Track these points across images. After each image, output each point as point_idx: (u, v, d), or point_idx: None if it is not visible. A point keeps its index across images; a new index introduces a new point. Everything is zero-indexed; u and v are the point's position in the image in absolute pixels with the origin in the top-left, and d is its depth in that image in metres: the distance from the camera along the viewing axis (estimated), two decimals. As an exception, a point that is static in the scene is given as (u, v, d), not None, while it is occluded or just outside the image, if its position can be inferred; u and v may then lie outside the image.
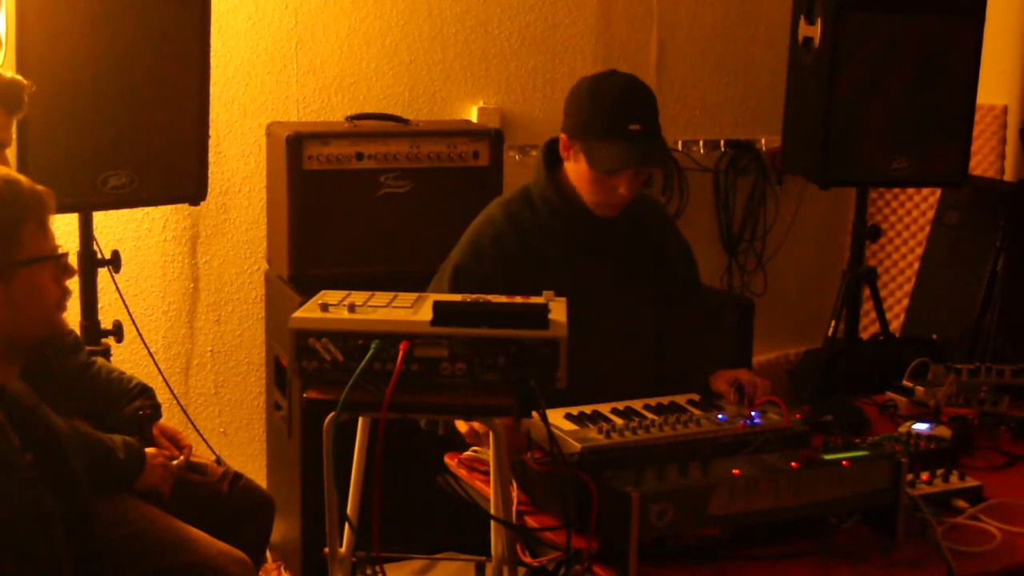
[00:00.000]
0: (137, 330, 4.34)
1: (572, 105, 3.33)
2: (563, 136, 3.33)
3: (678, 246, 3.62)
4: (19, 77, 3.16)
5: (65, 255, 2.45)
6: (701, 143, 5.34)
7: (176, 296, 4.63)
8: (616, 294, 3.42)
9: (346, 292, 2.69)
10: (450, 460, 3.06)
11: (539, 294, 3.06)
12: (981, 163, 5.21)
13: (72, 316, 3.79)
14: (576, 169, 3.31)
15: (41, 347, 2.47)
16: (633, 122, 3.24)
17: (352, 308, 2.56)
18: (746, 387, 3.13)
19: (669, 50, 5.25)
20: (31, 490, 2.23)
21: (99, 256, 3.99)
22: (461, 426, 2.94)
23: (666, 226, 3.64)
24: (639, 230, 3.47)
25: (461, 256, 3.37)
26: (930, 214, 5.25)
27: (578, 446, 2.73)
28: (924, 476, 2.86)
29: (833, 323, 4.65)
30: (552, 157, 3.39)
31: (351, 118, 4.36)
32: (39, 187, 2.37)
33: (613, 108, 3.25)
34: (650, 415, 2.98)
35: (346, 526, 2.74)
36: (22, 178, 2.36)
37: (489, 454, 2.72)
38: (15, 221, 2.32)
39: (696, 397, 3.15)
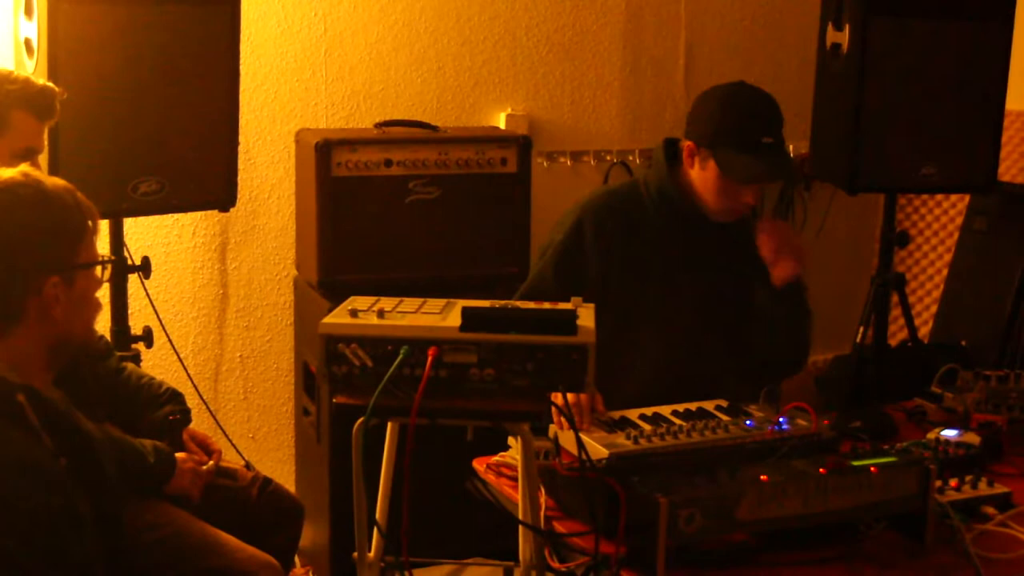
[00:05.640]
0: (167, 336, 4.36)
1: (703, 114, 3.41)
2: (689, 143, 3.40)
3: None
4: (51, 84, 3.19)
5: (113, 260, 2.52)
6: (729, 149, 5.34)
7: (206, 302, 4.65)
8: (701, 295, 3.49)
9: (375, 298, 2.69)
10: (479, 465, 3.07)
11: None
12: (1010, 169, 5.19)
13: (103, 322, 3.83)
14: (702, 176, 3.39)
15: (78, 356, 2.51)
16: (766, 135, 3.34)
17: (381, 314, 2.57)
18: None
19: (697, 56, 5.25)
20: (64, 494, 2.25)
21: (129, 262, 4.01)
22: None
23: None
24: (736, 237, 3.52)
25: (564, 236, 3.46)
26: (959, 220, 5.23)
27: (606, 452, 2.74)
28: (953, 482, 2.85)
29: (862, 329, 4.64)
30: (672, 156, 3.47)
31: (380, 125, 4.38)
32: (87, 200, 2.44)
33: (748, 121, 3.35)
34: (678, 421, 2.99)
35: (375, 531, 2.75)
36: (73, 187, 2.42)
37: (518, 459, 2.72)
38: (80, 223, 2.40)
39: (724, 403, 3.16)
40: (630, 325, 3.41)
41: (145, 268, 4.04)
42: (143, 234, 4.44)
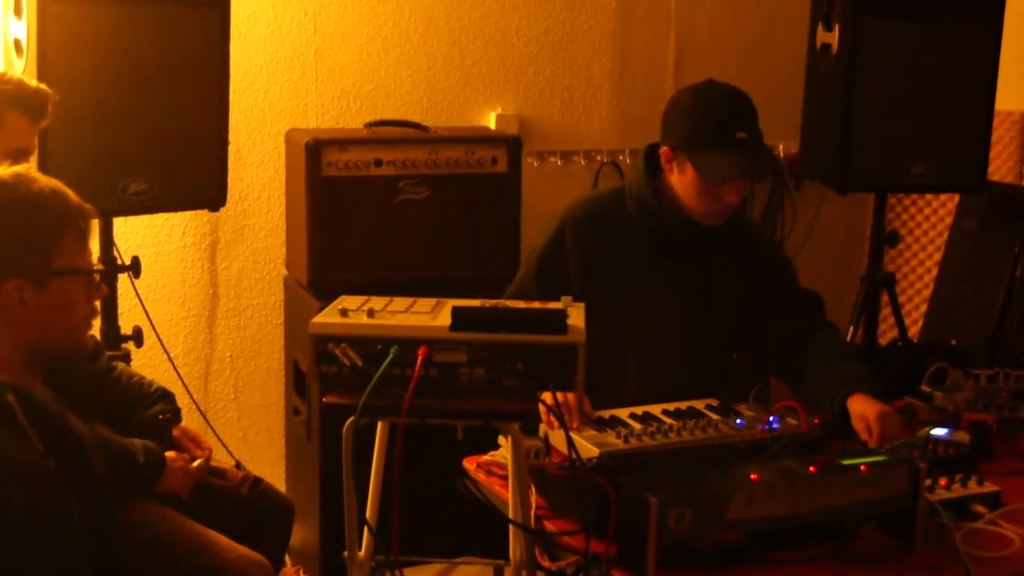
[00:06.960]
0: (157, 335, 4.36)
1: (674, 117, 3.37)
2: (665, 148, 3.36)
3: (767, 251, 3.63)
4: (44, 86, 3.19)
5: (100, 271, 2.47)
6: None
7: (196, 302, 4.65)
8: (689, 303, 3.45)
9: (365, 297, 2.70)
10: (469, 464, 3.07)
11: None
12: (1000, 169, 5.20)
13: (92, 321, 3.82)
14: (682, 180, 3.35)
15: (62, 362, 2.47)
16: (739, 131, 3.29)
17: (371, 313, 2.57)
18: (871, 429, 3.08)
19: (687, 57, 5.25)
20: (53, 495, 2.24)
21: (119, 262, 4.01)
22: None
23: (751, 233, 3.63)
24: (725, 242, 3.48)
25: (543, 245, 3.45)
26: (949, 220, 5.24)
27: (596, 451, 2.74)
28: (943, 481, 2.86)
29: (852, 329, 4.64)
30: (652, 162, 3.42)
31: (370, 125, 4.38)
32: (85, 204, 2.39)
33: (719, 118, 3.29)
34: (668, 420, 2.99)
35: (365, 530, 2.75)
36: (69, 191, 2.38)
37: (508, 458, 2.72)
38: (58, 229, 2.34)
39: (715, 402, 3.16)
40: (615, 333, 3.38)
41: (135, 268, 4.04)
42: (133, 234, 4.44)
